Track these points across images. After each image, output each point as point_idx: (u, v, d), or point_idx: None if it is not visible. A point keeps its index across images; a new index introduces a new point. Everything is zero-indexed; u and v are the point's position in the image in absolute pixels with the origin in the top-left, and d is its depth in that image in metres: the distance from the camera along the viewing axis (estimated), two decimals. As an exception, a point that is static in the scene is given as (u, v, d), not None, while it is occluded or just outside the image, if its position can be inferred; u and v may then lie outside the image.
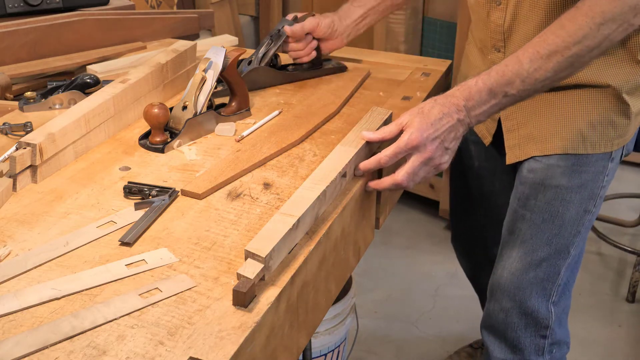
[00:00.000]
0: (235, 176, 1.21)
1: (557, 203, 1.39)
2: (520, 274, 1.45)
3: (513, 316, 1.49)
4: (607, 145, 1.36)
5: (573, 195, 1.38)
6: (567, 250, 1.42)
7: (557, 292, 1.46)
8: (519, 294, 1.46)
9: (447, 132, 1.16)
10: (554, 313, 1.48)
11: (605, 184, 1.40)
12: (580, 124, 1.35)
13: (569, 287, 1.50)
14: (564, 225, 1.40)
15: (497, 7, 1.37)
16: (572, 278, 1.49)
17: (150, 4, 2.71)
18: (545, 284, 1.45)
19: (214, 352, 0.82)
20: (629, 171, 3.34)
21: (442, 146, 1.16)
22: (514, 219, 1.45)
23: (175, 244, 1.03)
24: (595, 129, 1.34)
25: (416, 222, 2.97)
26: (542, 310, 1.47)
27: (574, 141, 1.35)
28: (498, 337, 1.54)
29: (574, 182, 1.37)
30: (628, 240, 2.79)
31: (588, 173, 1.37)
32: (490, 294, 1.54)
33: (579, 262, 1.49)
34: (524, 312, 1.47)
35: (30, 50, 1.66)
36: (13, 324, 0.87)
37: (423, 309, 2.46)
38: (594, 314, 2.44)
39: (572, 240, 1.41)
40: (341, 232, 1.14)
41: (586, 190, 1.38)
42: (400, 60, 1.76)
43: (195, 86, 1.36)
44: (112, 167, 1.25)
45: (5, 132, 1.36)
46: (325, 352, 1.85)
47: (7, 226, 1.08)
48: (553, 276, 1.44)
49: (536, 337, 1.49)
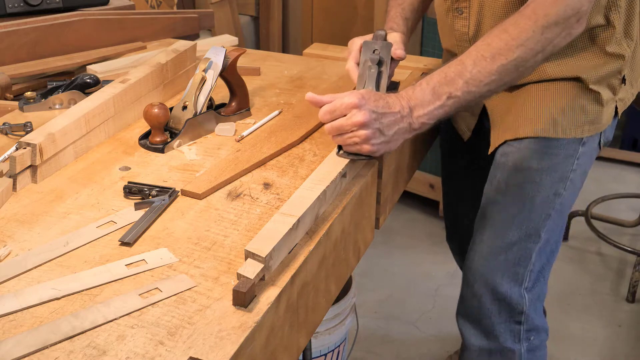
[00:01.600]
0: (235, 176, 1.21)
1: (527, 186, 1.39)
2: (491, 258, 1.45)
3: (486, 302, 1.48)
4: (577, 131, 1.36)
5: (543, 177, 1.38)
6: (538, 234, 1.42)
7: (529, 278, 1.45)
8: (490, 279, 1.46)
9: (386, 117, 1.14)
10: (528, 299, 1.47)
11: (575, 168, 1.39)
12: (552, 109, 1.36)
13: (544, 274, 1.49)
14: (534, 208, 1.40)
15: (459, 16, 1.39)
16: (548, 266, 1.48)
17: (150, 4, 2.71)
18: (517, 269, 1.44)
19: (214, 352, 0.82)
20: (629, 171, 3.34)
21: (379, 124, 1.14)
22: (486, 204, 1.46)
23: (175, 244, 1.03)
24: (566, 115, 1.35)
25: (416, 222, 2.97)
26: (515, 295, 1.46)
27: (546, 125, 1.36)
28: (473, 324, 1.53)
29: (544, 164, 1.37)
30: (628, 240, 2.79)
31: (558, 156, 1.37)
32: (463, 280, 1.54)
33: (556, 250, 1.48)
34: (497, 297, 1.47)
35: (30, 50, 1.66)
36: (13, 324, 0.87)
37: (423, 309, 2.46)
38: (594, 314, 2.44)
39: (543, 223, 1.41)
40: (341, 232, 1.14)
41: (556, 173, 1.38)
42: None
43: (195, 86, 1.36)
44: (112, 167, 1.25)
45: (5, 132, 1.36)
46: (325, 352, 1.85)
47: (7, 226, 1.08)
48: (524, 260, 1.44)
49: (511, 322, 1.48)
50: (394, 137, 1.17)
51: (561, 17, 1.15)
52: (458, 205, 1.80)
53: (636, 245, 2.73)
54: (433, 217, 2.96)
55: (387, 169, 1.31)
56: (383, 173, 1.29)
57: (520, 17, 1.16)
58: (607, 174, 3.30)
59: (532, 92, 1.37)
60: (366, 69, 1.32)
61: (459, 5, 1.39)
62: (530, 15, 1.15)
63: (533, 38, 1.15)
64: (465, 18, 1.39)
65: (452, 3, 1.41)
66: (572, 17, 1.15)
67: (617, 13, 1.31)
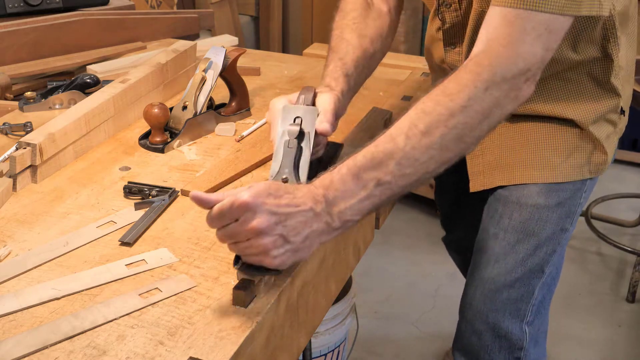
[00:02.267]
0: (235, 176, 1.21)
1: (533, 222, 1.31)
2: (493, 296, 1.39)
3: (486, 339, 1.43)
4: (578, 174, 1.29)
5: (550, 214, 1.31)
6: (542, 270, 1.36)
7: (531, 312, 1.40)
8: (492, 316, 1.40)
9: (292, 218, 0.89)
10: (529, 333, 1.42)
11: (582, 201, 1.33)
12: (547, 153, 1.28)
13: (545, 305, 1.44)
14: (540, 245, 1.33)
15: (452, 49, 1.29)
16: (549, 295, 1.44)
17: (150, 4, 2.71)
18: (519, 305, 1.38)
19: (214, 352, 0.82)
20: (629, 171, 3.34)
21: (281, 229, 0.88)
22: (485, 238, 1.38)
23: (175, 244, 1.03)
24: (565, 158, 1.28)
25: (416, 222, 2.97)
26: (516, 331, 1.41)
27: (543, 172, 1.29)
28: None
29: (552, 201, 1.30)
30: (628, 240, 2.79)
31: (566, 191, 1.30)
32: (461, 314, 1.48)
33: (557, 278, 1.43)
34: (498, 334, 1.41)
35: (30, 50, 1.66)
36: (13, 324, 0.87)
37: (423, 309, 2.46)
38: (594, 314, 2.44)
39: (547, 259, 1.35)
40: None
41: (564, 208, 1.31)
42: (400, 60, 1.76)
43: (195, 86, 1.36)
44: (112, 167, 1.25)
45: (5, 132, 1.36)
46: (325, 352, 1.85)
47: (7, 226, 1.08)
48: (527, 296, 1.38)
49: (510, 359, 1.43)
50: (305, 244, 0.91)
51: (508, 73, 0.96)
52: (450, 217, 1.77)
53: (636, 245, 2.73)
54: (433, 217, 2.95)
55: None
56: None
57: (461, 71, 0.98)
58: (607, 174, 3.27)
59: (524, 131, 1.28)
60: (282, 143, 1.04)
61: (452, 40, 1.28)
62: (473, 68, 0.97)
63: (476, 96, 0.95)
64: (458, 53, 1.29)
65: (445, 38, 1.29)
66: (521, 75, 0.97)
67: (616, 45, 1.22)
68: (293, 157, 1.03)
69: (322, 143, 1.14)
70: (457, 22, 1.26)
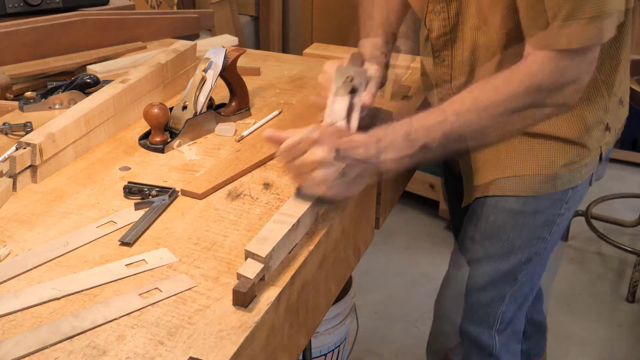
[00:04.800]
0: (235, 176, 1.21)
1: (508, 227, 1.31)
2: (462, 298, 1.39)
3: (454, 341, 1.43)
4: (548, 187, 1.27)
5: (526, 221, 1.30)
6: (515, 277, 1.35)
7: (501, 320, 1.39)
8: (459, 319, 1.40)
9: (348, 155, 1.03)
10: (499, 341, 1.41)
11: (564, 212, 1.31)
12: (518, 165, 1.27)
13: (519, 316, 1.42)
14: (514, 251, 1.32)
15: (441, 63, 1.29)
16: (523, 306, 1.42)
17: (150, 4, 2.71)
18: (488, 310, 1.38)
19: (214, 352, 0.82)
20: (629, 171, 3.34)
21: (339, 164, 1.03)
22: (463, 239, 1.39)
23: (175, 244, 1.03)
24: (535, 171, 1.26)
25: (416, 222, 2.97)
26: (484, 337, 1.40)
27: (521, 185, 1.28)
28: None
29: (528, 208, 1.29)
30: (628, 240, 2.79)
31: (545, 200, 1.29)
32: (434, 315, 1.48)
33: (534, 289, 1.41)
34: (465, 337, 1.41)
35: (30, 50, 1.66)
36: (13, 324, 0.87)
37: (423, 309, 2.46)
38: (594, 314, 2.44)
39: (521, 267, 1.34)
40: (341, 232, 1.14)
41: (541, 217, 1.30)
42: (400, 60, 1.76)
43: (195, 86, 1.36)
44: (112, 167, 1.25)
45: (5, 132, 1.36)
46: (325, 352, 1.85)
47: (7, 226, 1.08)
48: (496, 302, 1.37)
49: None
50: (357, 180, 1.06)
51: (555, 83, 1.05)
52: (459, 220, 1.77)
53: (636, 245, 2.73)
54: (433, 217, 2.96)
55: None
56: (383, 173, 1.29)
57: (511, 73, 1.06)
58: (607, 174, 3.29)
59: (502, 145, 1.28)
60: (336, 98, 1.17)
61: (440, 54, 1.28)
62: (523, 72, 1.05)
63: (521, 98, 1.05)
64: (447, 66, 1.28)
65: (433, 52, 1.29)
66: (569, 84, 1.06)
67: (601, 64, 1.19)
68: (344, 112, 1.15)
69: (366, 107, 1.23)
70: (445, 32, 1.24)
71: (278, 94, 1.57)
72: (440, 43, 1.26)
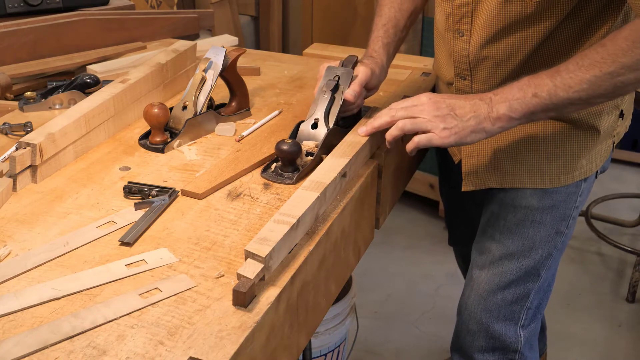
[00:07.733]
0: (235, 176, 1.21)
1: (527, 224, 1.34)
2: (488, 296, 1.40)
3: (480, 339, 1.44)
4: (567, 179, 1.31)
5: (544, 216, 1.33)
6: (538, 273, 1.38)
7: (526, 316, 1.42)
8: (486, 317, 1.42)
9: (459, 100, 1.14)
10: (523, 337, 1.43)
11: (578, 204, 1.35)
12: (536, 157, 1.30)
13: (540, 310, 1.45)
14: (535, 248, 1.35)
15: (460, 37, 1.30)
16: (545, 300, 1.45)
17: (150, 4, 2.71)
18: (514, 307, 1.40)
19: (214, 352, 0.82)
20: (629, 171, 3.34)
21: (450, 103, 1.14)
22: (483, 239, 1.41)
23: (175, 244, 1.03)
24: (552, 163, 1.30)
25: (416, 222, 2.97)
26: (510, 334, 1.42)
27: (533, 176, 1.31)
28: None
29: (545, 203, 1.32)
30: (628, 240, 2.79)
31: (560, 194, 1.32)
32: (458, 314, 1.50)
33: (552, 284, 1.45)
34: (491, 335, 1.43)
35: (30, 50, 1.66)
36: (13, 324, 0.87)
37: (423, 309, 2.46)
38: (594, 314, 2.44)
39: (543, 262, 1.37)
40: (341, 232, 1.14)
41: (558, 211, 1.33)
42: (400, 60, 1.76)
43: (195, 86, 1.36)
44: (112, 167, 1.25)
45: (5, 132, 1.36)
46: (325, 352, 1.85)
47: (7, 226, 1.08)
48: (522, 299, 1.40)
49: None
50: (468, 124, 1.13)
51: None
52: (455, 216, 1.77)
53: (636, 245, 2.73)
54: (433, 217, 2.96)
55: (387, 169, 1.31)
56: (383, 173, 1.29)
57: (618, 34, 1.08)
58: (607, 174, 3.27)
59: (518, 135, 1.31)
60: (321, 94, 1.28)
61: (460, 27, 1.29)
62: (628, 35, 1.07)
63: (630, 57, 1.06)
64: (465, 41, 1.29)
65: (453, 24, 1.30)
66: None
67: None
68: (326, 105, 1.27)
69: (357, 104, 1.33)
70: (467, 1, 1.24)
71: (278, 94, 1.57)
72: (461, 12, 1.27)
